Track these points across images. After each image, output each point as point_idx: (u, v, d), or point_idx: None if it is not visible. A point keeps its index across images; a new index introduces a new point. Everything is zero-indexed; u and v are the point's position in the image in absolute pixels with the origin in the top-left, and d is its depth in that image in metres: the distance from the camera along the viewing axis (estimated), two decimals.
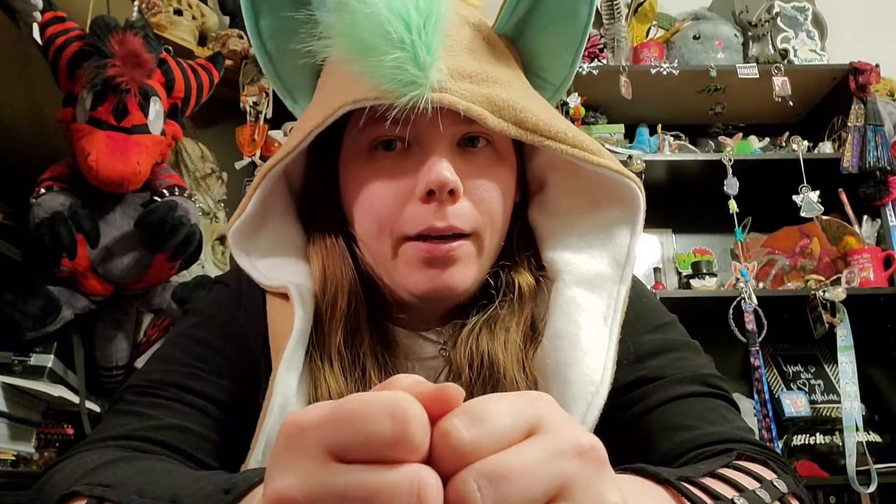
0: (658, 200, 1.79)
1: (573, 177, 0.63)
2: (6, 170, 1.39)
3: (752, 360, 1.88)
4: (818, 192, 2.02)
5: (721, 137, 2.24)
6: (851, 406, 1.87)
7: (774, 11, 2.26)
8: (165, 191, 1.39)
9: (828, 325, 1.92)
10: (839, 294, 1.89)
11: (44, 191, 1.28)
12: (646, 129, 2.23)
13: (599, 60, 2.18)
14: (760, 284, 2.02)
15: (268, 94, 1.94)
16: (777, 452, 0.57)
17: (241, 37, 1.96)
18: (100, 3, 1.47)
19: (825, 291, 1.91)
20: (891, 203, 2.05)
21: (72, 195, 1.29)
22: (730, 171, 2.05)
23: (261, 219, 0.63)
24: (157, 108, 1.35)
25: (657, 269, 2.23)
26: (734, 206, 2.01)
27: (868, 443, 1.84)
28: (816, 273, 2.00)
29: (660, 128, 2.24)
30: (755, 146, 2.22)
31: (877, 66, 2.10)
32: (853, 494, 1.83)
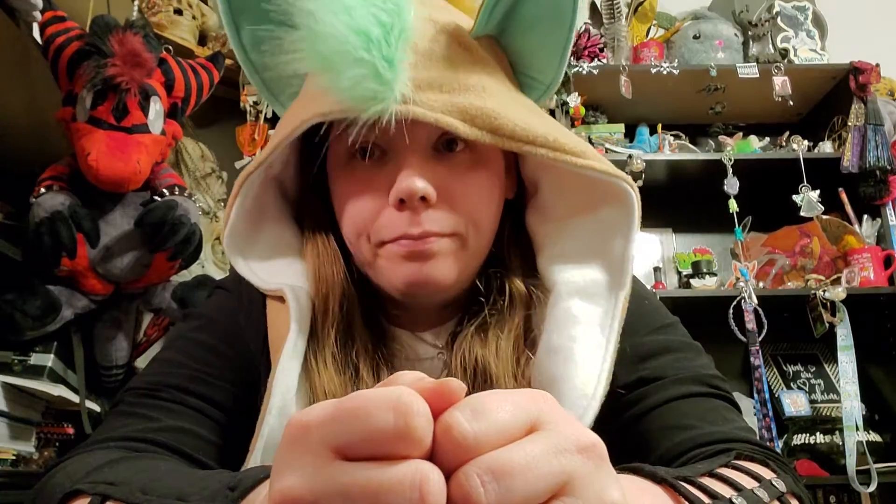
0: (658, 200, 1.79)
1: (564, 177, 0.63)
2: (6, 170, 1.39)
3: (752, 360, 1.88)
4: (818, 192, 2.02)
5: (721, 137, 2.24)
6: (851, 405, 1.87)
7: (774, 11, 2.26)
8: (165, 190, 1.39)
9: (828, 325, 1.92)
10: (839, 293, 1.89)
11: (44, 190, 1.28)
12: (646, 129, 2.23)
13: (599, 60, 2.18)
14: (760, 284, 2.02)
15: None
16: (777, 452, 0.57)
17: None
18: (100, 3, 1.48)
19: (825, 291, 1.91)
20: (891, 202, 2.05)
21: (72, 195, 1.29)
22: (730, 171, 2.05)
23: (256, 222, 0.64)
24: (157, 108, 1.35)
25: (657, 269, 2.23)
26: (734, 206, 2.01)
27: (868, 442, 1.84)
28: (816, 272, 2.00)
29: (660, 127, 2.24)
30: (755, 146, 2.22)
31: (877, 66, 2.10)
32: (853, 494, 1.83)
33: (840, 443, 1.85)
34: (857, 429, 1.84)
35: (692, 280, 2.11)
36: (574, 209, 0.63)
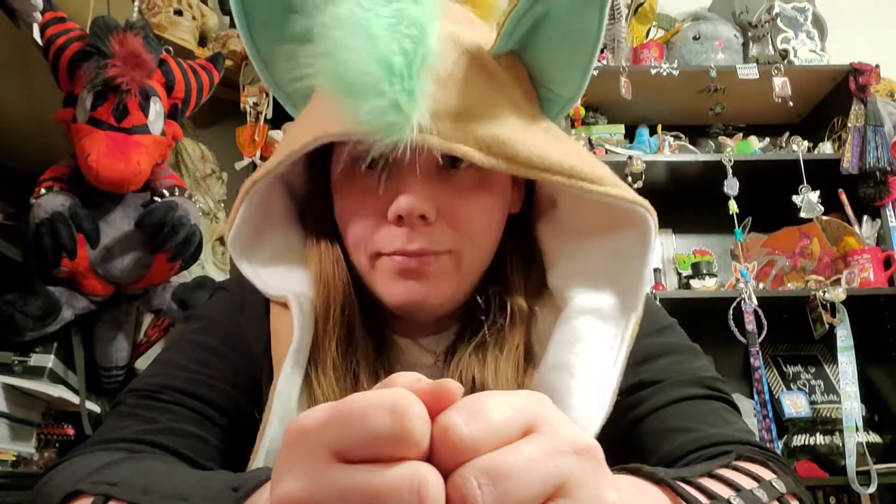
0: (658, 201, 1.78)
1: (582, 198, 0.61)
2: (6, 170, 1.40)
3: (752, 361, 1.88)
4: (818, 193, 2.02)
5: (721, 138, 2.24)
6: (851, 406, 1.87)
7: (774, 12, 2.26)
8: (165, 191, 1.39)
9: (828, 326, 1.92)
10: (839, 294, 1.89)
11: (44, 191, 1.28)
12: (646, 130, 2.23)
13: (599, 61, 2.18)
14: (760, 285, 2.02)
15: (268, 95, 1.94)
16: (777, 453, 0.57)
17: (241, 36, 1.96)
18: (100, 4, 1.48)
19: (825, 292, 1.91)
20: (891, 203, 2.05)
21: (72, 195, 1.29)
22: (730, 172, 2.05)
23: (260, 224, 0.64)
24: (158, 109, 1.35)
25: (657, 270, 2.23)
26: (734, 207, 2.01)
27: (868, 443, 1.84)
28: (816, 273, 2.00)
29: (660, 128, 2.24)
30: (755, 147, 2.22)
31: (877, 67, 2.10)
32: (853, 495, 1.83)
33: (840, 444, 1.85)
34: (857, 430, 1.84)
35: (692, 281, 2.11)
36: (592, 229, 0.62)
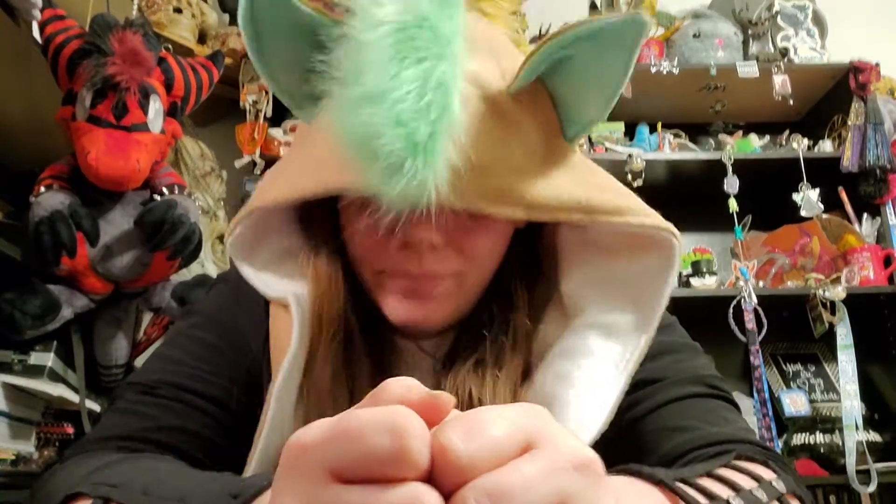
0: (658, 199, 1.78)
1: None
2: (5, 168, 1.39)
3: (752, 359, 1.88)
4: (818, 191, 2.02)
5: (721, 136, 2.24)
6: (851, 405, 1.87)
7: (774, 10, 2.26)
8: (165, 189, 1.39)
9: (828, 324, 1.91)
10: (839, 293, 1.89)
11: (43, 189, 1.28)
12: (646, 128, 2.22)
13: None
14: (760, 283, 2.02)
15: (268, 93, 1.94)
16: (777, 453, 0.57)
17: (241, 35, 1.96)
18: (99, 2, 1.47)
19: (825, 290, 1.91)
20: (891, 201, 2.05)
21: (71, 194, 1.29)
22: (730, 170, 2.04)
23: (262, 227, 0.63)
24: (157, 107, 1.35)
25: None
26: (734, 205, 2.01)
27: (868, 442, 1.84)
28: (816, 272, 2.00)
29: (660, 126, 2.24)
30: (755, 144, 2.22)
31: (877, 65, 2.10)
32: (853, 494, 1.83)
33: (840, 442, 1.85)
34: (857, 428, 1.84)
35: (692, 279, 2.11)
36: (618, 247, 0.60)
